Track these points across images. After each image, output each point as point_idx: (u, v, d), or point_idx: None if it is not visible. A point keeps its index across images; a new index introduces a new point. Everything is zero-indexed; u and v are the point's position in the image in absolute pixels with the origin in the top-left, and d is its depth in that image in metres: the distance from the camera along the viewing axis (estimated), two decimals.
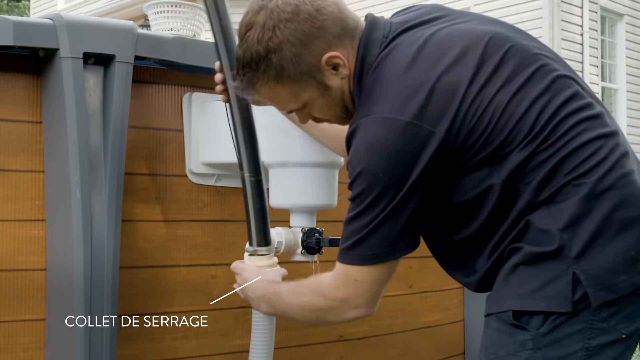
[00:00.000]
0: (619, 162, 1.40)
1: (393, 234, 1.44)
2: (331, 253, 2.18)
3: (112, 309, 1.83)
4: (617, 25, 10.82)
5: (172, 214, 2.09)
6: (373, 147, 1.41)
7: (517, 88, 1.41)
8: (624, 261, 1.35)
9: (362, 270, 1.48)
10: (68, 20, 1.81)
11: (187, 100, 2.11)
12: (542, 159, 1.38)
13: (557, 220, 1.37)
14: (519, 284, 1.39)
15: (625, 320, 1.37)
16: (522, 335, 1.38)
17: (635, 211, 1.37)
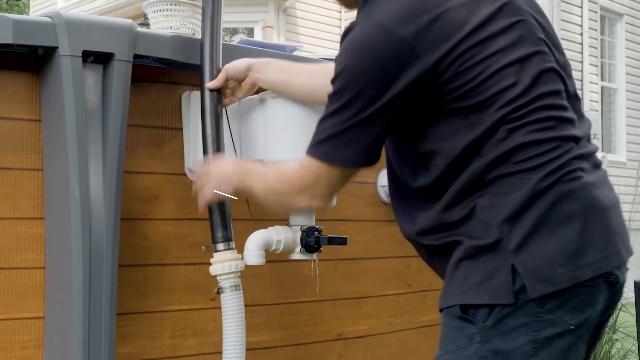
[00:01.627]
0: (569, 162, 1.42)
1: (358, 142, 1.48)
2: (330, 252, 2.19)
3: (110, 307, 1.83)
4: (616, 25, 10.83)
5: (171, 212, 2.09)
6: (362, 48, 1.43)
7: (512, 60, 1.44)
8: (564, 254, 1.37)
9: (324, 167, 1.54)
10: (67, 19, 1.81)
11: (186, 98, 2.11)
12: (502, 137, 1.41)
13: (498, 213, 1.39)
14: (463, 278, 1.42)
15: (573, 311, 1.38)
16: (470, 328, 1.40)
17: (576, 205, 1.39)
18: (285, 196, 1.67)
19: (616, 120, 10.78)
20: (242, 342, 1.94)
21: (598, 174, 1.49)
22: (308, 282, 2.24)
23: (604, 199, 1.44)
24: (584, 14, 9.94)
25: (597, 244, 1.40)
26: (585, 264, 1.37)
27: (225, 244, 1.96)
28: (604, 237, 1.41)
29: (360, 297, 2.49)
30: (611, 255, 1.41)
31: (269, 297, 2.27)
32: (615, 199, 1.50)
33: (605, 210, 1.43)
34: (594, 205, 1.42)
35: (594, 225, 1.40)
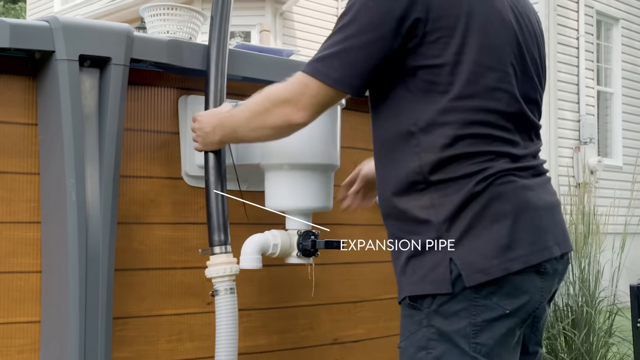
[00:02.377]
0: (503, 171, 1.58)
1: (348, 66, 1.60)
2: (327, 256, 2.19)
3: (107, 311, 1.83)
4: (612, 30, 10.84)
5: (168, 216, 2.09)
6: None
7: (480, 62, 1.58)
8: (496, 248, 1.54)
9: (313, 80, 1.63)
10: (64, 23, 1.81)
11: (183, 103, 2.12)
12: (448, 142, 1.56)
13: (438, 213, 1.56)
14: (412, 273, 1.60)
15: (507, 297, 1.55)
16: (418, 315, 1.58)
17: (508, 206, 1.56)
18: (266, 112, 1.72)
19: (612, 124, 10.79)
20: (234, 345, 1.94)
21: (536, 180, 1.65)
22: (304, 286, 2.24)
23: (536, 201, 1.61)
24: (580, 19, 9.95)
25: (526, 240, 1.56)
26: (514, 257, 1.54)
27: (222, 247, 1.96)
28: (534, 234, 1.58)
29: (357, 302, 2.49)
30: (539, 250, 1.58)
31: (266, 301, 2.27)
32: (553, 201, 1.67)
33: (537, 210, 1.60)
34: (524, 206, 1.58)
35: (523, 223, 1.57)
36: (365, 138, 2.52)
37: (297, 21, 11.41)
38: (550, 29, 9.51)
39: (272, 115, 1.71)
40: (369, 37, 1.58)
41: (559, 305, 5.00)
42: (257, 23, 11.10)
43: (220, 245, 1.96)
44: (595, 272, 5.04)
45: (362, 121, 2.51)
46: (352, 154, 2.46)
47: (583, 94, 9.93)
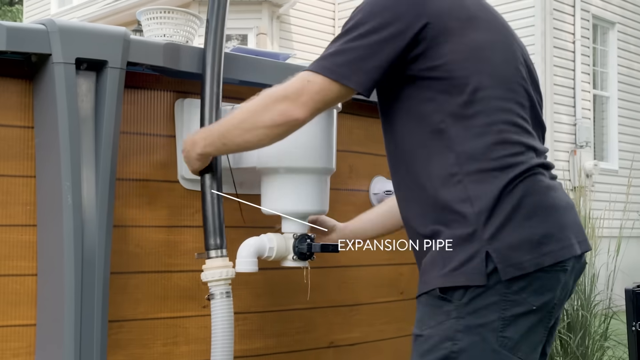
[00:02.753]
0: (533, 167, 1.63)
1: (358, 61, 1.62)
2: (323, 259, 2.19)
3: (102, 314, 1.83)
4: (608, 34, 10.87)
5: (164, 219, 2.09)
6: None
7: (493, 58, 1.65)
8: (530, 244, 1.58)
9: (318, 77, 1.64)
10: (61, 26, 1.81)
11: (179, 106, 2.12)
12: (477, 132, 1.61)
13: (474, 206, 1.58)
14: (443, 265, 1.60)
15: (535, 294, 1.58)
16: (448, 306, 1.59)
17: (539, 203, 1.61)
18: (263, 109, 1.71)
19: (608, 128, 10.81)
20: (230, 348, 1.94)
21: (555, 182, 1.72)
22: (300, 289, 2.24)
23: (560, 201, 1.67)
24: (576, 23, 9.97)
25: (555, 237, 1.61)
26: (547, 252, 1.59)
27: (218, 251, 1.97)
28: (561, 231, 1.63)
29: (353, 305, 2.50)
30: (567, 246, 1.63)
31: (262, 305, 2.27)
32: (570, 202, 1.72)
33: (561, 209, 1.66)
34: (552, 204, 1.64)
35: (552, 221, 1.62)
36: (360, 141, 2.52)
37: (294, 24, 11.42)
38: (546, 33, 9.53)
39: (269, 112, 1.69)
40: (376, 37, 1.61)
41: None
42: (254, 26, 11.11)
43: (216, 249, 1.97)
44: (590, 275, 5.05)
45: (358, 125, 2.52)
46: (347, 157, 2.46)
47: (579, 98, 9.95)
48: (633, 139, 10.92)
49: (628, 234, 5.79)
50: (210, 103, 2.01)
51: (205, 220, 1.97)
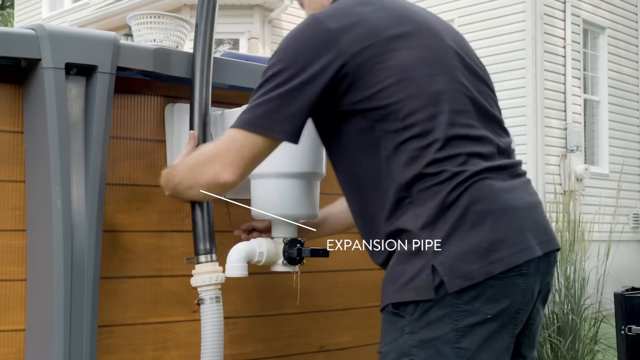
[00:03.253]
0: (477, 173, 1.60)
1: (278, 111, 1.64)
2: (313, 263, 2.19)
3: (92, 319, 1.83)
4: (599, 38, 10.92)
5: (154, 224, 2.09)
6: (296, 33, 1.68)
7: (418, 75, 1.64)
8: (476, 253, 1.56)
9: (241, 133, 1.67)
10: (50, 31, 1.81)
11: (169, 110, 2.12)
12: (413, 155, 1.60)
13: (418, 221, 1.59)
14: (395, 281, 1.62)
15: (489, 302, 1.56)
16: (401, 322, 1.60)
17: (486, 209, 1.58)
18: (197, 169, 1.77)
19: (599, 132, 10.85)
20: (220, 353, 1.94)
21: (515, 181, 1.68)
22: (291, 294, 2.25)
23: (516, 202, 1.63)
24: (567, 27, 10.01)
25: (506, 242, 1.58)
26: (496, 260, 1.56)
27: (207, 256, 1.97)
28: (514, 235, 1.60)
29: (343, 309, 2.50)
30: (520, 250, 1.59)
31: (252, 309, 2.27)
32: (533, 201, 1.68)
33: (518, 211, 1.62)
34: (503, 208, 1.60)
35: (503, 225, 1.59)
36: None
37: (285, 29, 11.43)
38: (537, 38, 9.56)
39: (203, 174, 1.75)
40: (293, 84, 1.62)
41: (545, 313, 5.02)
42: (245, 30, 11.11)
43: (205, 254, 1.97)
44: (580, 279, 5.07)
45: None
46: None
47: (570, 102, 9.99)
48: (623, 143, 10.97)
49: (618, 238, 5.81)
50: (199, 108, 2.01)
51: (194, 225, 1.97)
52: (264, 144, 1.67)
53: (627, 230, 10.06)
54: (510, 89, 9.60)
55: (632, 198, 10.68)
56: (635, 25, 11.36)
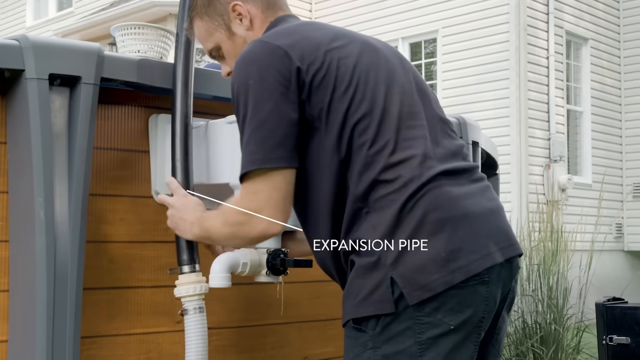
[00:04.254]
0: (432, 179, 1.59)
1: (266, 139, 1.61)
2: (297, 274, 2.20)
3: (75, 330, 1.82)
4: (582, 49, 11.00)
5: (138, 235, 2.09)
6: (245, 58, 1.67)
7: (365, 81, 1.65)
8: (435, 262, 1.53)
9: (257, 181, 1.63)
10: (34, 42, 1.81)
11: (153, 121, 2.12)
12: (366, 162, 1.59)
13: (376, 232, 1.56)
14: (355, 295, 1.59)
15: (451, 312, 1.53)
16: (363, 337, 1.58)
17: (443, 217, 1.56)
18: (239, 225, 1.71)
19: (582, 142, 10.92)
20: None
21: (473, 187, 1.65)
22: (274, 304, 2.25)
23: (475, 208, 1.61)
24: (550, 39, 10.08)
25: (465, 250, 1.55)
26: (455, 269, 1.53)
27: (191, 266, 1.97)
28: (473, 242, 1.57)
29: (327, 320, 2.50)
30: (480, 258, 1.56)
31: (235, 320, 2.27)
32: (492, 207, 1.66)
33: (475, 218, 1.60)
34: (462, 215, 1.58)
35: (461, 232, 1.56)
36: None
37: None
38: (520, 49, 9.63)
39: (245, 229, 1.69)
40: (266, 110, 1.60)
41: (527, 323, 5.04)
42: None
43: (189, 264, 1.97)
44: (563, 289, 5.10)
45: None
46: None
47: (553, 113, 10.05)
48: (606, 153, 11.05)
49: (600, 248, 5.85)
50: (180, 118, 2.00)
51: (177, 236, 1.97)
52: (283, 176, 1.64)
53: (609, 240, 10.12)
54: (494, 99, 9.66)
55: (614, 208, 10.75)
56: (618, 37, 11.46)
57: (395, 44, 10.32)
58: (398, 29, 10.67)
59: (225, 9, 1.84)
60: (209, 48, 1.90)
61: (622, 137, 11.33)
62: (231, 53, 1.86)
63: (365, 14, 11.04)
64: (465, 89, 9.83)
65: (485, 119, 9.03)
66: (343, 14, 11.34)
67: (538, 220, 5.56)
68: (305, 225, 1.75)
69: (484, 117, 9.15)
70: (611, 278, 8.74)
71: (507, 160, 9.27)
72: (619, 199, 11.05)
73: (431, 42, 10.66)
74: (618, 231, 11.00)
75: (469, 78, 9.91)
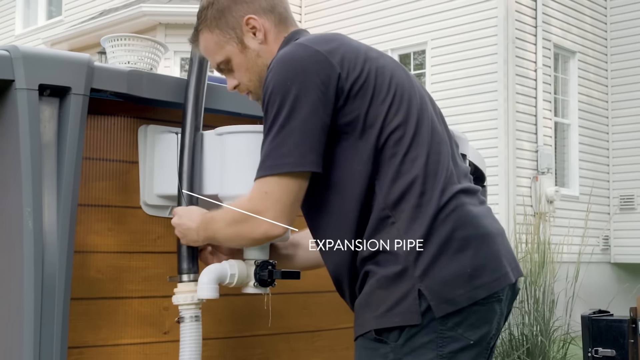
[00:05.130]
0: (456, 196, 1.62)
1: (300, 144, 1.60)
2: (285, 285, 2.20)
3: (62, 340, 1.82)
4: (569, 62, 11.08)
5: (126, 245, 2.09)
6: (284, 60, 1.65)
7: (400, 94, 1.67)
8: (461, 278, 1.56)
9: (272, 181, 1.62)
10: (24, 52, 1.82)
11: (142, 132, 2.13)
12: (396, 171, 1.61)
13: (404, 245, 1.57)
14: (376, 306, 1.59)
15: (471, 328, 1.57)
16: (384, 348, 1.57)
17: (469, 234, 1.59)
18: (243, 223, 1.71)
19: (569, 155, 10.98)
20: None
21: (483, 207, 1.70)
22: (262, 315, 2.25)
23: (491, 228, 1.66)
24: (538, 51, 10.15)
25: (488, 267, 1.60)
26: (479, 285, 1.57)
27: (190, 275, 1.98)
28: (494, 261, 1.62)
29: (314, 331, 2.51)
30: (501, 276, 1.62)
31: (223, 331, 2.27)
32: (501, 228, 1.71)
33: (493, 237, 1.65)
34: (483, 233, 1.63)
35: (484, 251, 1.61)
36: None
37: None
38: (509, 61, 9.68)
39: (248, 227, 1.70)
40: (303, 114, 1.59)
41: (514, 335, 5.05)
42: None
43: (188, 273, 1.98)
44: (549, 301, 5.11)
45: None
46: None
47: (541, 125, 10.11)
48: (593, 165, 11.12)
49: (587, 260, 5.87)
50: (190, 131, 2.02)
51: (179, 245, 1.98)
52: (298, 180, 1.63)
53: (596, 252, 10.17)
54: (482, 111, 9.70)
55: (601, 220, 10.81)
56: (605, 50, 11.55)
57: None
58: (387, 40, 10.71)
59: (238, 22, 1.82)
60: (218, 61, 1.87)
61: (609, 150, 11.41)
62: (242, 66, 1.84)
63: (355, 25, 11.08)
64: (454, 100, 9.87)
65: (473, 131, 9.07)
66: (333, 24, 11.38)
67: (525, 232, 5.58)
68: (324, 231, 1.72)
69: (472, 128, 9.19)
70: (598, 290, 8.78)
71: (495, 172, 9.31)
72: (606, 212, 11.11)
73: (420, 53, 10.70)
74: (605, 243, 11.05)
75: (457, 90, 9.96)
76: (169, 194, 2.10)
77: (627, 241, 11.08)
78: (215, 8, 1.82)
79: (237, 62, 1.84)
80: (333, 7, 11.57)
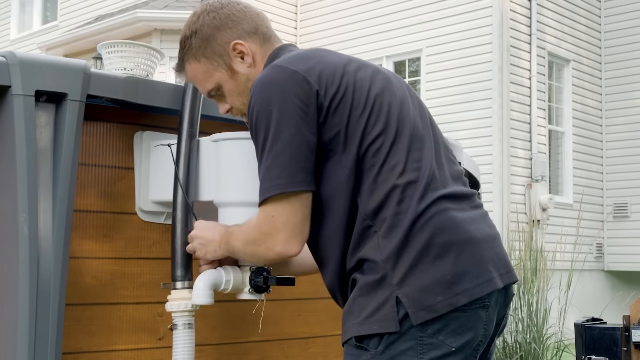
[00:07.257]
0: (436, 202, 1.62)
1: (288, 165, 1.62)
2: (279, 291, 2.21)
3: (56, 346, 1.82)
4: (564, 70, 11.12)
5: (121, 251, 2.09)
6: (263, 84, 1.66)
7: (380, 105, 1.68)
8: (441, 284, 1.56)
9: (275, 203, 1.64)
10: (21, 58, 1.82)
11: (138, 138, 2.13)
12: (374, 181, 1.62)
13: (382, 252, 1.59)
14: (358, 313, 1.61)
15: (453, 334, 1.56)
16: (365, 355, 1.59)
17: (449, 240, 1.59)
18: (258, 244, 1.72)
19: (563, 162, 11.01)
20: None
21: (474, 212, 1.69)
22: (256, 321, 2.25)
23: (478, 234, 1.64)
24: (533, 60, 10.18)
25: (470, 273, 1.59)
26: (460, 292, 1.56)
27: (184, 282, 1.98)
28: (477, 266, 1.61)
29: (309, 337, 2.51)
30: (483, 282, 1.60)
31: (217, 337, 2.27)
32: (492, 233, 1.70)
33: (478, 243, 1.63)
34: (466, 239, 1.61)
35: (466, 256, 1.60)
36: None
37: None
38: (503, 69, 9.71)
39: (263, 248, 1.71)
40: (287, 135, 1.62)
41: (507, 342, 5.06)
42: None
43: (182, 280, 1.98)
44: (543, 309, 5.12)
45: None
46: None
47: (535, 133, 10.14)
48: (587, 173, 11.15)
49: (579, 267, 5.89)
50: (186, 138, 2.03)
51: (173, 251, 1.98)
52: (301, 200, 1.65)
53: (590, 259, 10.19)
54: (476, 118, 9.72)
55: (595, 228, 10.83)
56: (599, 59, 11.60)
57: (379, 62, 10.39)
58: (382, 47, 10.74)
59: (225, 49, 1.82)
60: (209, 88, 1.87)
61: (603, 158, 11.44)
62: (234, 92, 1.85)
63: (350, 32, 11.11)
64: (448, 107, 9.90)
65: (467, 138, 9.09)
66: (328, 31, 11.41)
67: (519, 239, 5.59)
68: (318, 246, 1.75)
69: (466, 136, 9.22)
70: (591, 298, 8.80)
71: (489, 179, 9.33)
72: (599, 219, 11.14)
73: (415, 60, 10.73)
74: (598, 251, 11.08)
75: (452, 97, 9.98)
76: (165, 200, 2.10)
77: (620, 249, 11.11)
78: (199, 37, 1.82)
79: (228, 88, 1.85)
80: (328, 15, 11.60)
